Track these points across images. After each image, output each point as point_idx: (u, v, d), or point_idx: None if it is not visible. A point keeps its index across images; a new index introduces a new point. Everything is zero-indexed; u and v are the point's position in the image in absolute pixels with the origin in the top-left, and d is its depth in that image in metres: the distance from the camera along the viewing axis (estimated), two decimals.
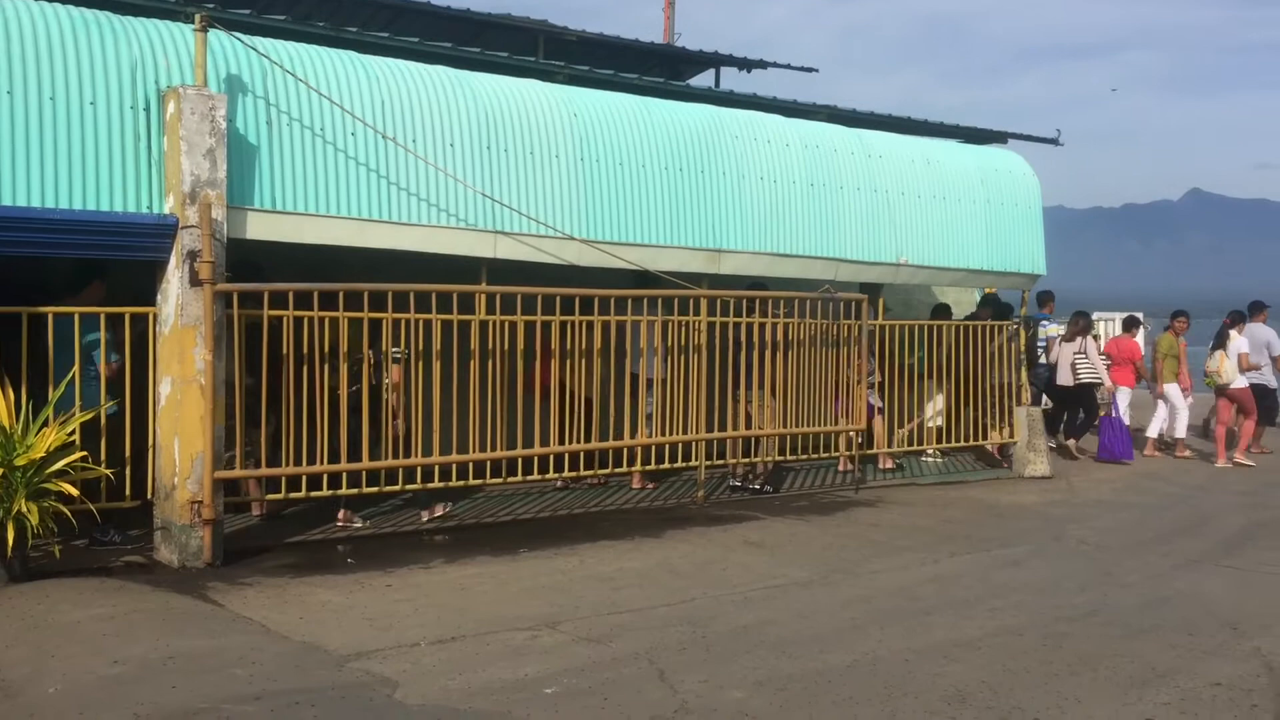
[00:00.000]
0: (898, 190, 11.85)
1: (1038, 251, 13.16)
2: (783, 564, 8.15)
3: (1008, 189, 12.95)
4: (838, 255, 11.27)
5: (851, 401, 11.26)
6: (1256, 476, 13.02)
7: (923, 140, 12.98)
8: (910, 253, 11.96)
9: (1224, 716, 5.19)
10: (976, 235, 12.55)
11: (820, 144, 11.37)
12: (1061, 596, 7.37)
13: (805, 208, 11.04)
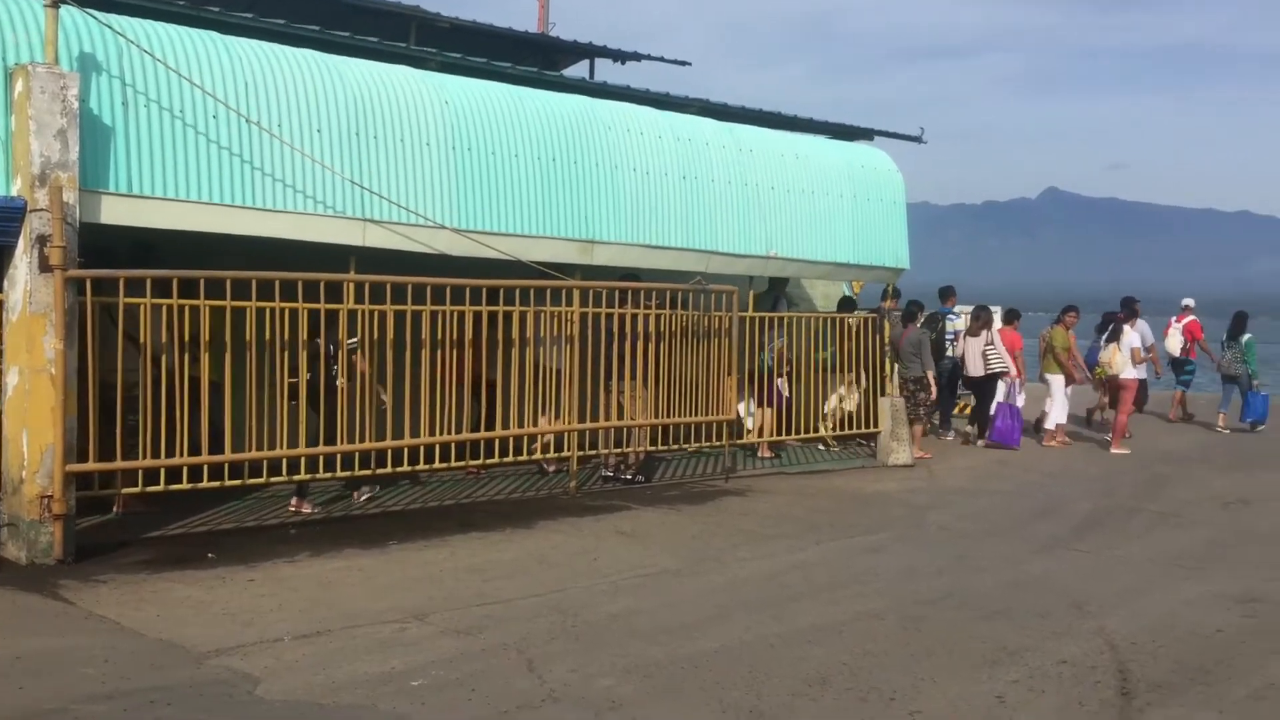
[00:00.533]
0: (768, 184, 12.04)
1: (901, 246, 13.53)
2: (653, 553, 8.22)
3: (874, 185, 13.27)
4: (709, 248, 11.41)
5: (721, 392, 11.40)
6: (1107, 464, 13.63)
7: (793, 135, 13.21)
8: (780, 246, 12.17)
9: (1069, 692, 5.43)
10: (844, 229, 12.83)
11: (693, 137, 11.48)
12: (920, 581, 7.61)
13: (677, 200, 11.14)
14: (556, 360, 10.11)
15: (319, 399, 8.62)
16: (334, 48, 9.47)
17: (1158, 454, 14.46)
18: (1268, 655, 6.06)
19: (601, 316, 10.46)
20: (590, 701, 5.14)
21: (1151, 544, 9.07)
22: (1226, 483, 12.30)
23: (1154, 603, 7.14)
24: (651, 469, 11.57)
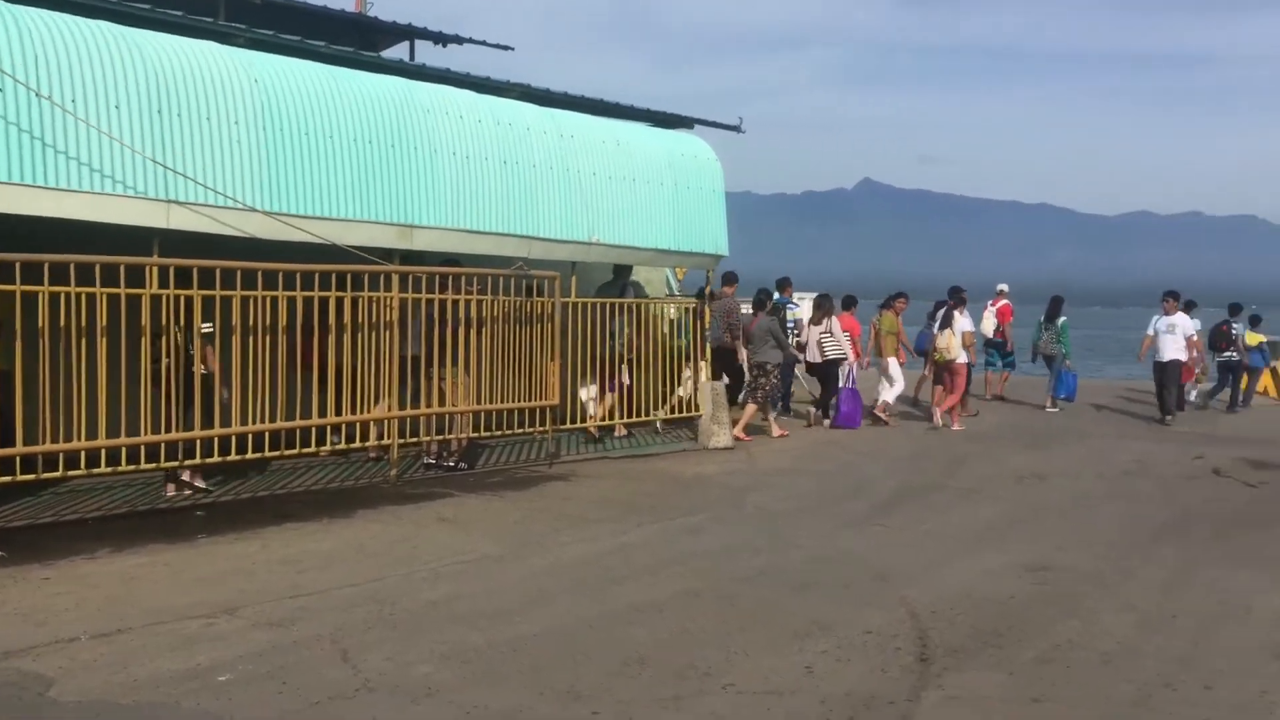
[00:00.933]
0: (589, 170, 12.09)
1: (721, 233, 13.79)
2: (475, 539, 8.18)
3: (694, 173, 13.48)
4: (531, 233, 11.38)
5: (545, 377, 11.41)
6: (916, 443, 14.24)
7: (614, 122, 13.28)
8: (602, 232, 12.24)
9: (873, 660, 5.67)
10: (665, 216, 13.00)
11: (513, 122, 11.43)
12: (737, 559, 7.81)
13: (498, 185, 11.07)
14: (412, 347, 9.98)
15: (168, 386, 8.36)
16: (133, 20, 9.01)
17: (963, 433, 15.20)
18: (1055, 620, 6.45)
19: (422, 302, 10.33)
20: (406, 689, 5.09)
21: (953, 518, 9.53)
22: (1024, 460, 13.01)
23: (953, 573, 7.50)
24: (475, 456, 11.49)
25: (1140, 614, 6.60)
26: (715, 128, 15.38)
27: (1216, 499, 10.67)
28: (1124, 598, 6.95)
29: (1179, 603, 6.86)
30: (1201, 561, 8.00)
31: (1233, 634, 6.25)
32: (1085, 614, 6.57)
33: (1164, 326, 17.42)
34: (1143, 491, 11.08)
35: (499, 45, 17.59)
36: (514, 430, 11.57)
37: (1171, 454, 13.66)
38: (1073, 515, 9.79)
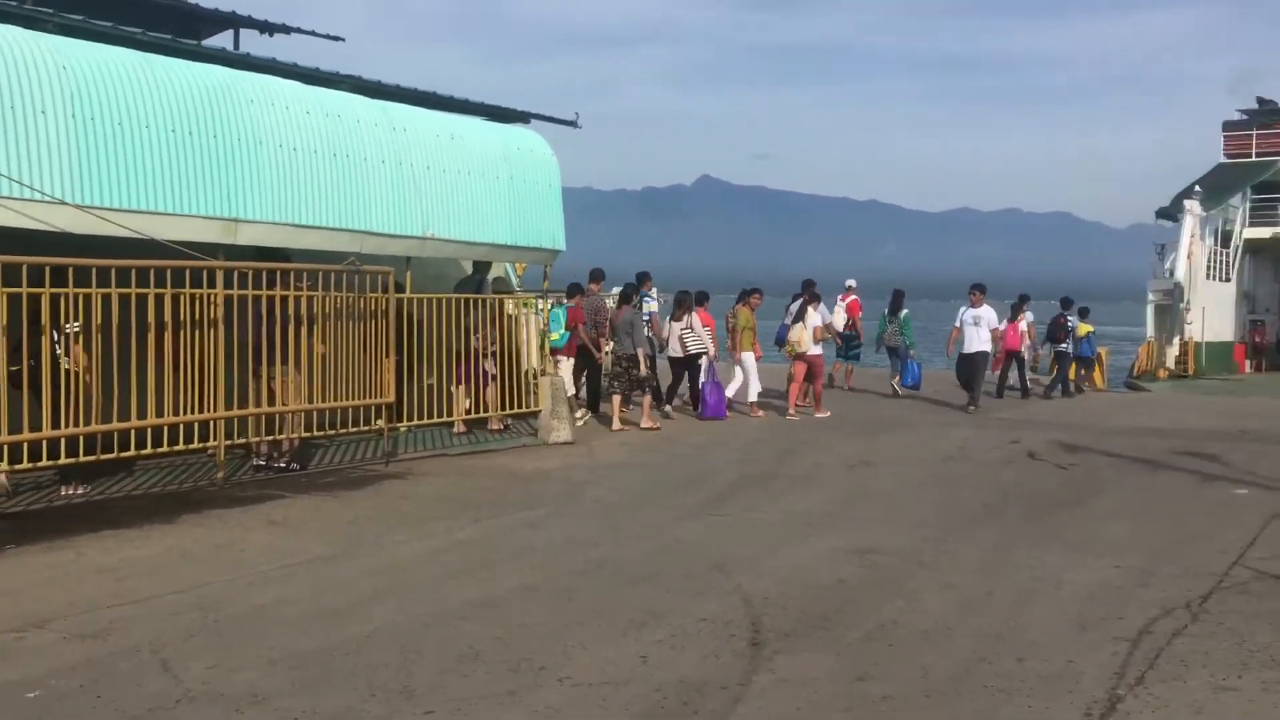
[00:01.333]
0: (423, 164, 11.92)
1: (558, 228, 13.79)
2: (306, 541, 7.98)
3: (530, 167, 13.43)
4: (363, 228, 11.16)
5: (380, 375, 11.20)
6: (752, 434, 14.52)
7: (448, 116, 13.14)
8: (437, 227, 12.09)
9: (707, 646, 5.77)
10: (501, 211, 12.92)
11: (343, 114, 11.17)
12: (575, 553, 7.83)
13: (328, 178, 10.82)
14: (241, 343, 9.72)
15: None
16: None
17: (796, 424, 15.59)
18: (880, 600, 6.68)
19: (249, 299, 10.00)
20: (230, 697, 4.93)
21: (785, 505, 9.76)
22: (854, 448, 13.43)
23: (785, 559, 7.69)
24: (307, 456, 11.22)
25: (959, 593, 6.89)
26: (552, 123, 15.37)
27: (1031, 481, 11.23)
28: (944, 578, 7.24)
29: (995, 581, 7.18)
30: (1016, 541, 8.40)
31: (1044, 609, 6.58)
32: (908, 594, 6.82)
33: (970, 319, 18.03)
34: (963, 476, 11.58)
35: (329, 36, 17.22)
36: (349, 429, 11.33)
37: (991, 439, 14.31)
38: (898, 500, 10.16)
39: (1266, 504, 9.94)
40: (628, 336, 14.67)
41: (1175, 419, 17.75)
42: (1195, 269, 31.11)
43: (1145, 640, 5.92)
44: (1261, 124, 36.96)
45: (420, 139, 11.98)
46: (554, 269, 14.30)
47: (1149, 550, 8.10)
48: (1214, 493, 10.67)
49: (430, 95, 13.47)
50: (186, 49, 10.94)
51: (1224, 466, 12.28)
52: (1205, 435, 15.32)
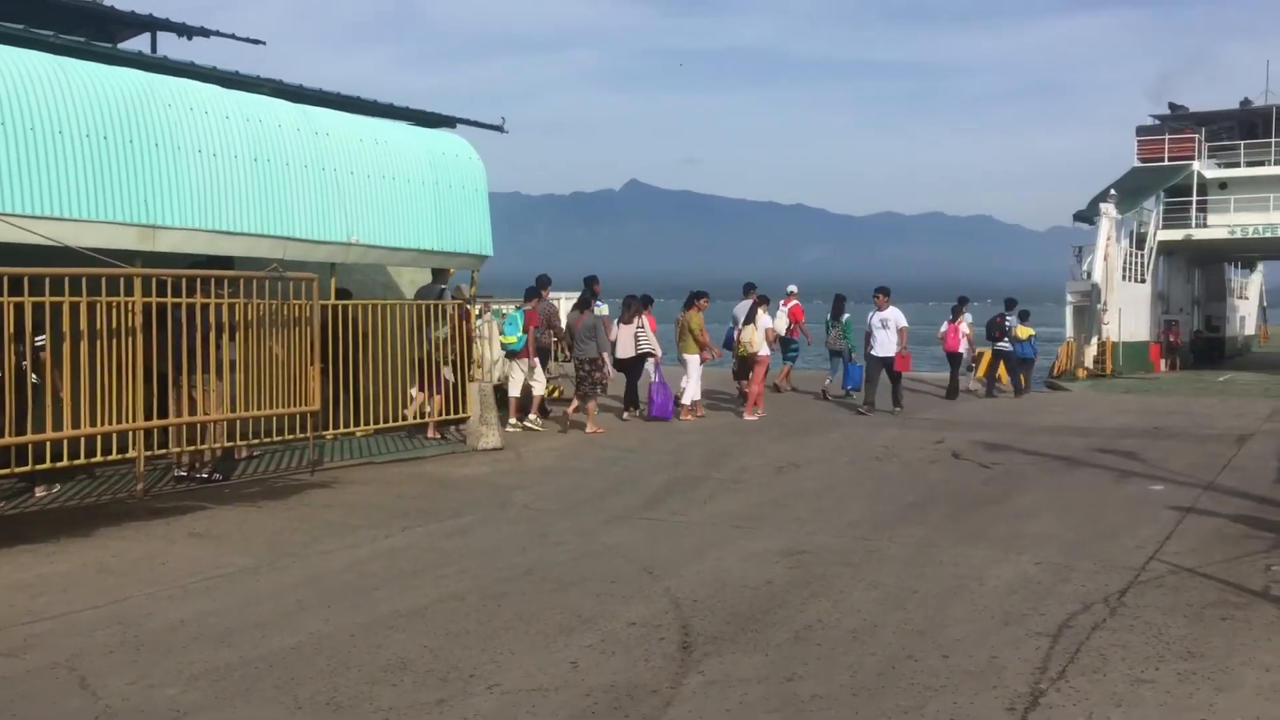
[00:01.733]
0: (347, 169, 11.78)
1: (485, 233, 13.71)
2: (229, 553, 7.85)
3: (455, 172, 13.35)
4: (285, 234, 10.99)
5: (305, 382, 11.04)
6: (680, 438, 14.57)
7: (372, 120, 13.00)
8: (361, 232, 11.95)
9: (637, 651, 5.77)
10: (426, 216, 12.82)
11: (264, 118, 11.00)
12: (503, 559, 7.79)
13: (249, 184, 10.64)
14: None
15: None
16: None
17: (726, 426, 15.68)
18: (807, 600, 6.74)
19: (168, 307, 9.80)
20: (152, 714, 4.82)
21: (714, 508, 9.81)
22: (783, 449, 13.54)
23: (714, 562, 7.73)
24: (230, 466, 11.03)
25: (885, 591, 6.98)
26: (478, 127, 15.31)
27: (956, 480, 11.40)
28: (871, 576, 7.33)
29: (920, 579, 7.29)
30: (941, 539, 8.53)
31: (968, 605, 6.69)
32: (835, 594, 6.89)
33: (877, 322, 17.97)
34: (890, 475, 11.73)
35: (249, 39, 16.99)
36: (274, 438, 11.15)
37: (917, 440, 14.51)
38: (826, 501, 10.25)
39: (1180, 499, 10.21)
40: (590, 340, 14.96)
41: (1094, 418, 18.17)
42: (1111, 270, 31.85)
43: (1066, 634, 6.05)
44: (1173, 129, 38.01)
45: (343, 143, 11.84)
46: (482, 274, 14.23)
47: (1069, 546, 8.27)
48: (1130, 489, 10.93)
49: (353, 99, 13.33)
50: (102, 52, 10.71)
51: (1140, 463, 12.59)
52: (1122, 433, 15.70)
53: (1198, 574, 7.40)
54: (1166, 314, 38.26)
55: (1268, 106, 38.46)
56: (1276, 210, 35.91)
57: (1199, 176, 36.90)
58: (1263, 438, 15.30)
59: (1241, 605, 6.64)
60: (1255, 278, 54.82)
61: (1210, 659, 5.64)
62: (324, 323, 11.29)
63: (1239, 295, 50.88)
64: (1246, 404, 21.38)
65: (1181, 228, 36.62)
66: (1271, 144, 37.14)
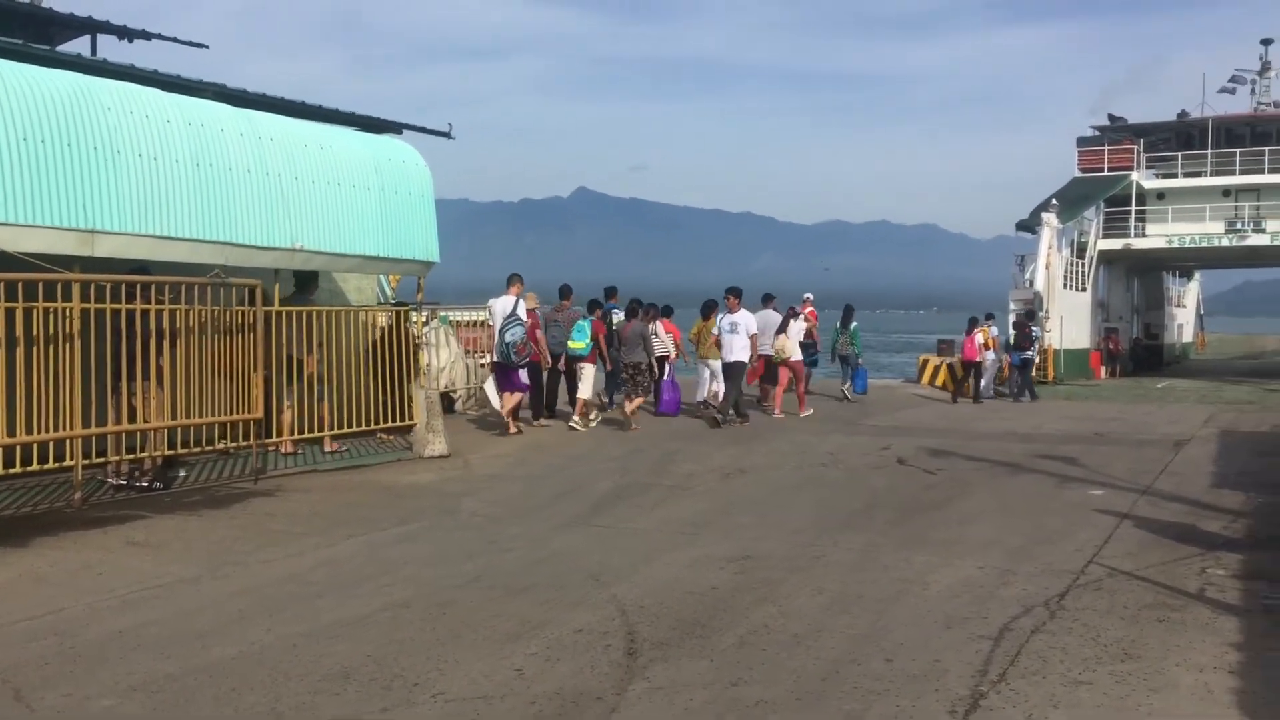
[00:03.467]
0: (291, 174, 11.66)
1: (432, 239, 13.64)
2: (169, 562, 7.73)
3: (402, 178, 13.26)
4: (228, 239, 10.85)
5: (248, 390, 10.91)
6: (628, 445, 14.57)
7: (316, 126, 12.90)
8: (306, 238, 11.84)
9: (583, 658, 5.76)
10: (372, 222, 12.72)
11: (206, 122, 10.87)
12: (450, 566, 7.75)
13: (191, 188, 10.50)
14: None
15: None
16: None
17: (669, 433, 15.71)
18: (752, 606, 6.77)
19: (108, 313, 9.65)
20: None
21: (660, 515, 9.83)
22: (729, 456, 13.59)
23: (660, 568, 7.74)
24: (171, 474, 10.86)
25: (830, 595, 7.03)
26: (425, 133, 15.24)
27: (900, 486, 11.51)
28: (816, 581, 7.38)
29: (864, 583, 7.35)
30: (885, 544, 8.61)
31: (911, 609, 6.76)
32: (780, 599, 6.93)
33: (727, 326, 17.23)
34: (835, 481, 11.82)
35: (192, 43, 16.79)
36: (216, 446, 11.01)
37: (862, 446, 14.64)
38: (772, 507, 10.31)
39: (1119, 504, 10.39)
40: (638, 346, 16.54)
41: (1036, 424, 18.44)
42: (1053, 279, 32.36)
43: (1007, 638, 6.12)
44: (1112, 140, 38.71)
45: (287, 148, 11.72)
46: (429, 280, 14.16)
47: (1010, 550, 8.38)
48: (1071, 494, 11.09)
49: (298, 104, 13.22)
50: (40, 54, 10.53)
51: (1081, 469, 12.79)
52: (1063, 439, 15.94)
53: (1135, 577, 7.53)
54: (1107, 322, 38.93)
55: (1204, 118, 39.32)
56: (1212, 221, 36.72)
57: (1138, 187, 37.62)
58: (1199, 443, 15.61)
59: (1177, 607, 6.77)
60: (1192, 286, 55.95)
61: (1146, 660, 5.74)
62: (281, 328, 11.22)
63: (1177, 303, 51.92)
64: (1183, 410, 21.81)
65: (1121, 237, 37.30)
66: (1208, 155, 37.97)
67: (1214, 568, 7.82)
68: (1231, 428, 18.05)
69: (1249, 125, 38.87)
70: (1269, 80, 41.06)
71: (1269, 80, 41.06)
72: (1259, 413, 21.55)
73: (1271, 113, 39.67)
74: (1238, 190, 36.99)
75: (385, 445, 13.59)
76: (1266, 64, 41.36)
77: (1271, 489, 11.39)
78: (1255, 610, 6.71)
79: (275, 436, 12.12)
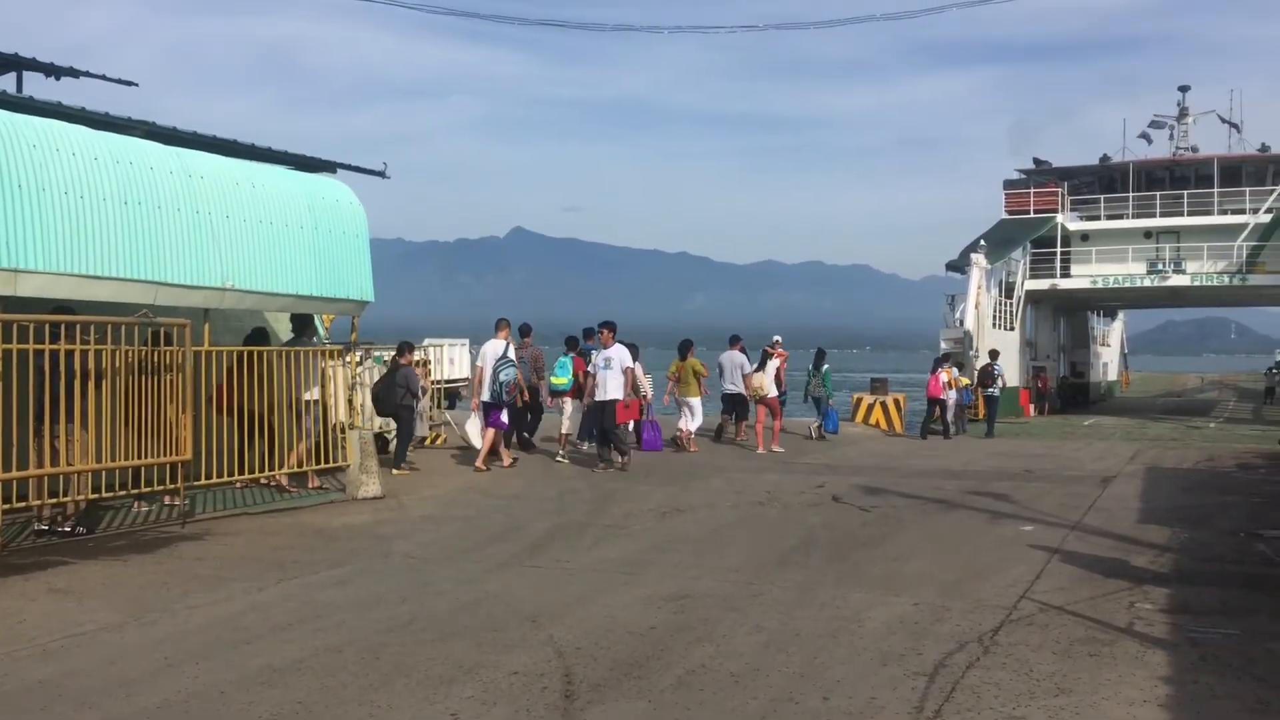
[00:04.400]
0: (222, 213, 11.53)
1: (366, 279, 13.54)
2: (92, 609, 7.52)
3: (335, 217, 13.18)
4: (157, 278, 10.69)
5: (176, 431, 10.70)
6: (564, 485, 14.50)
7: (248, 164, 12.78)
8: (237, 277, 11.69)
9: (519, 701, 5.69)
10: (305, 261, 12.60)
11: (135, 160, 10.72)
12: (383, 610, 7.62)
13: (119, 227, 10.34)
14: None
15: None
16: None
17: (607, 473, 15.65)
18: (691, 645, 6.75)
19: (30, 353, 9.42)
20: None
21: (598, 554, 9.77)
22: (666, 495, 13.58)
23: (598, 609, 7.68)
24: (96, 519, 10.59)
25: (767, 634, 7.03)
26: (359, 172, 15.18)
27: (836, 524, 11.58)
28: (753, 620, 7.37)
29: (802, 621, 7.36)
30: (822, 582, 8.64)
31: (848, 646, 6.77)
32: (718, 638, 6.91)
33: (601, 362, 16.20)
34: (772, 519, 11.85)
35: (121, 80, 16.57)
36: (143, 489, 10.76)
37: (798, 484, 14.71)
38: (709, 546, 10.30)
39: (1049, 539, 10.54)
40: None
41: (967, 461, 18.68)
42: (982, 318, 32.93)
43: (941, 674, 6.16)
44: (1037, 183, 39.65)
45: (218, 187, 11.59)
46: (364, 320, 14.04)
47: (944, 586, 8.45)
48: (1002, 530, 11.24)
49: (230, 143, 13.11)
50: None
51: (1012, 505, 12.97)
52: (994, 475, 16.16)
53: (1066, 611, 7.63)
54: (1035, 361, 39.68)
55: (1125, 162, 40.47)
56: (1135, 262, 37.69)
57: (1062, 228, 38.54)
58: (1125, 479, 15.92)
59: (1107, 641, 6.87)
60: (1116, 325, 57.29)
61: (1078, 694, 5.81)
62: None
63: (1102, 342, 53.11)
64: (1110, 447, 22.26)
65: (1047, 277, 38.13)
66: (1129, 198, 39.05)
67: (1142, 602, 7.95)
68: (1156, 464, 18.45)
69: (1168, 169, 40.09)
70: (1186, 126, 42.37)
71: (1186, 126, 42.37)
72: (1182, 449, 22.07)
73: (1190, 157, 40.95)
74: (1158, 232, 38.07)
75: (317, 487, 13.38)
76: (1184, 110, 42.71)
77: (1195, 524, 11.64)
78: (1182, 644, 6.82)
79: (288, 467, 12.70)
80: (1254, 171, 38.39)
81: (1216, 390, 65.35)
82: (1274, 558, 9.80)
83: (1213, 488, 14.98)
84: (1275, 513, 12.61)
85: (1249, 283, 35.95)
